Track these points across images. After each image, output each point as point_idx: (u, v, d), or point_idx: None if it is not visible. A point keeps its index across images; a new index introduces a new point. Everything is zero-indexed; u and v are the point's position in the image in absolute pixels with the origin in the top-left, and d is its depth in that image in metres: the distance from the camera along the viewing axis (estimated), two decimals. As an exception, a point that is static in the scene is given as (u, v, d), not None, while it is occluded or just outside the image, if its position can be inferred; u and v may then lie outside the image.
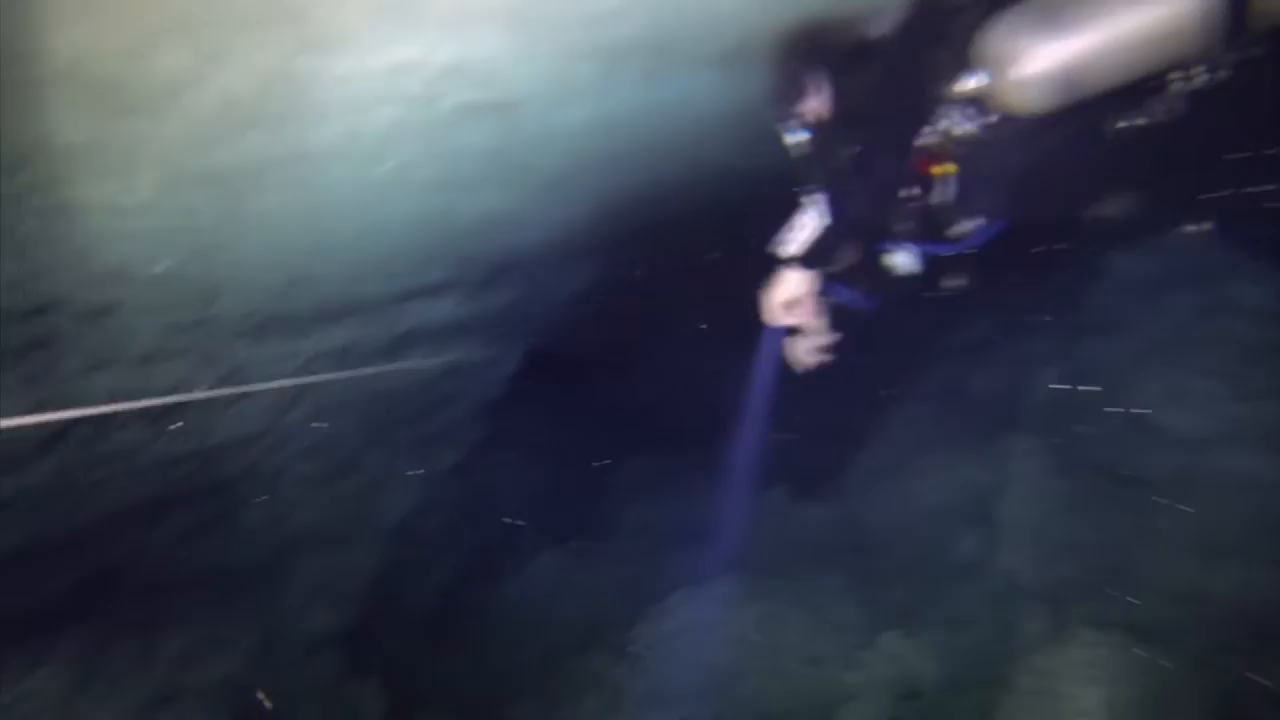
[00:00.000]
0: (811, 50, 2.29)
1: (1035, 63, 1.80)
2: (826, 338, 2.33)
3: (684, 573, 5.49)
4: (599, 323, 7.30)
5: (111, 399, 3.09)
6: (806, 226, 2.18)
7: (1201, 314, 4.37)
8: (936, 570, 4.41)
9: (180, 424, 3.61)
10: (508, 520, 6.45)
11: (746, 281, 2.44)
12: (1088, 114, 1.87)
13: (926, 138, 2.01)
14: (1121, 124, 1.86)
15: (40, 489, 3.15)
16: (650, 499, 6.46)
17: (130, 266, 2.69)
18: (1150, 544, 3.71)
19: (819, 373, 2.37)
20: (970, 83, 1.94)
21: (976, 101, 1.95)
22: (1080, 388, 4.55)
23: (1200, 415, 3.99)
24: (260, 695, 4.21)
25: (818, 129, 2.30)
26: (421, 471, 5.94)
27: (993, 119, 1.95)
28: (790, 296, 2.23)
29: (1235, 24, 1.65)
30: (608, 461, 7.22)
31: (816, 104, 2.30)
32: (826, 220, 2.15)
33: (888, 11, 2.18)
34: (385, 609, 5.37)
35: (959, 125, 1.96)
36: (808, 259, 2.19)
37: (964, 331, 6.10)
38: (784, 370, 2.39)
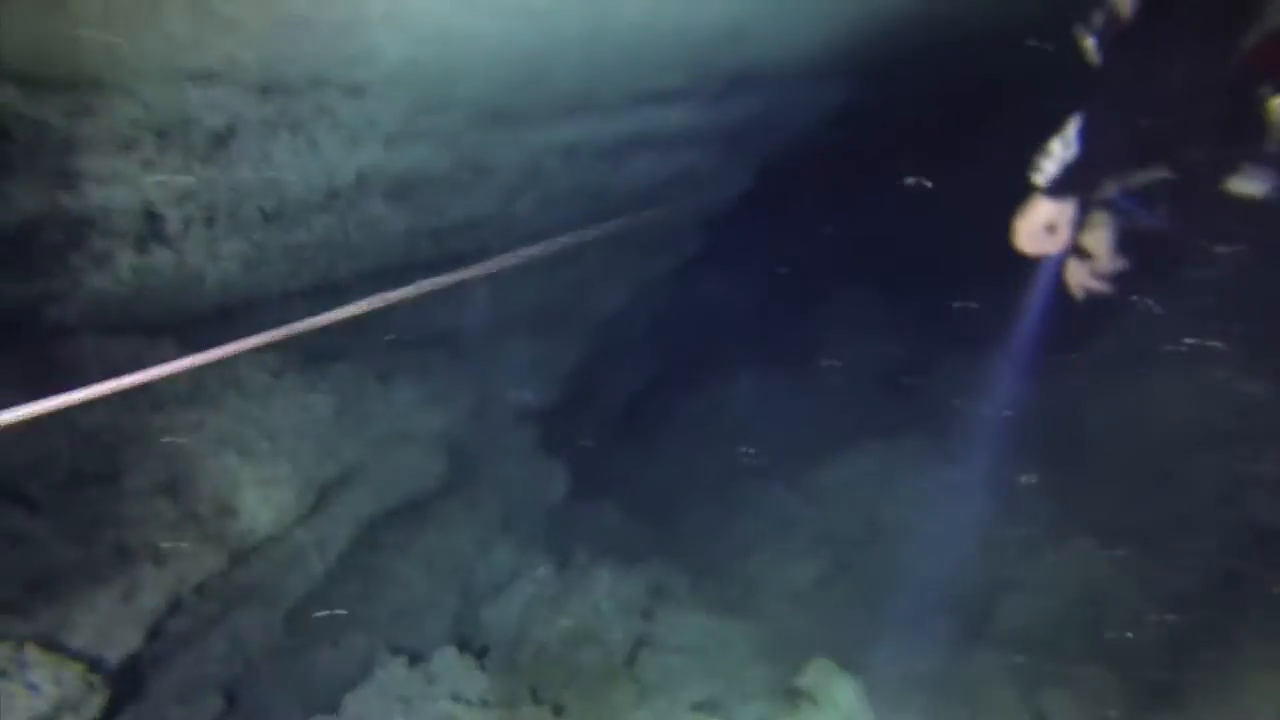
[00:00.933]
0: None
1: None
2: (1112, 264, 1.95)
3: (874, 424, 5.40)
4: (839, 152, 6.82)
5: (362, 177, 3.39)
6: (1057, 155, 1.82)
7: None
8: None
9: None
10: (713, 334, 6.55)
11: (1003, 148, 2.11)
12: None
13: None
14: None
15: (322, 239, 3.57)
16: (854, 340, 6.26)
17: (376, 50, 2.81)
18: None
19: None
20: None
21: None
22: None
23: None
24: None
25: (1115, 32, 1.82)
26: (638, 274, 6.12)
27: None
28: (1036, 226, 1.90)
29: None
30: (823, 290, 7.01)
31: (1124, 5, 1.79)
32: (1073, 151, 1.79)
33: None
34: (585, 397, 5.79)
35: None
36: (1059, 187, 1.85)
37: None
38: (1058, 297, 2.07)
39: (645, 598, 4.18)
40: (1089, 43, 1.91)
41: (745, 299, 6.96)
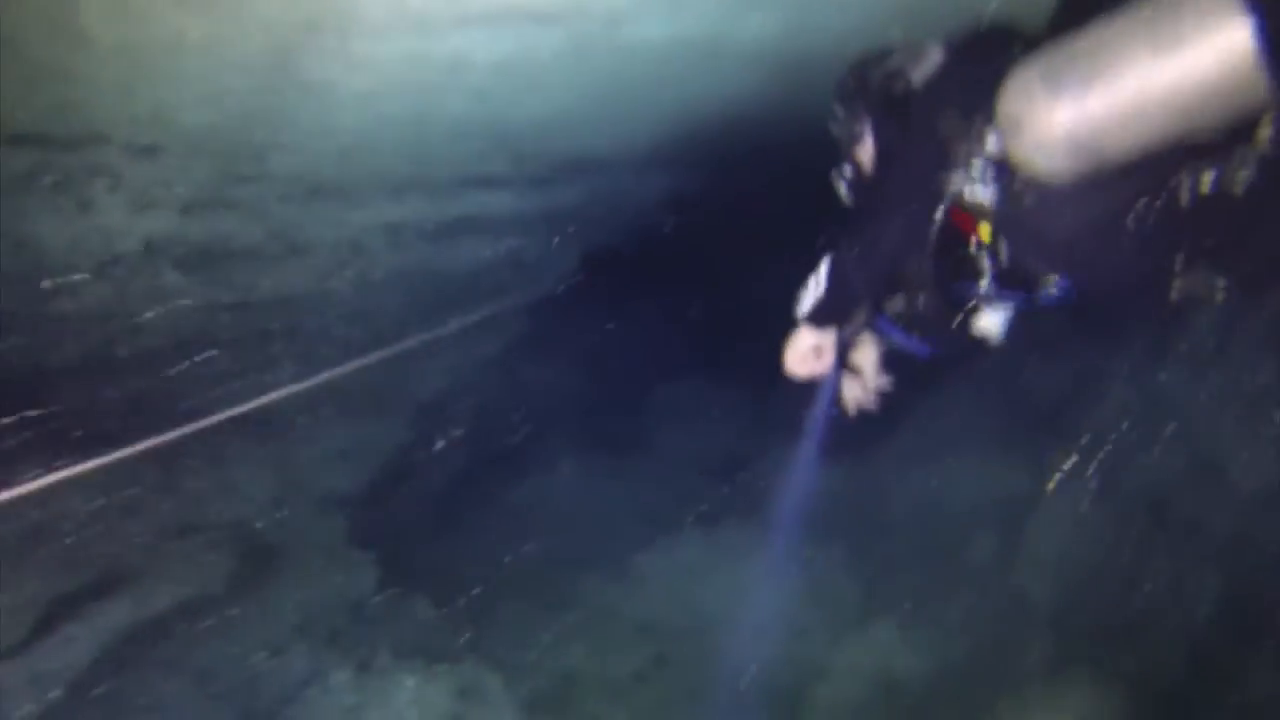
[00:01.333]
0: (859, 90, 2.10)
1: (1049, 125, 1.53)
2: (877, 382, 2.17)
3: (700, 508, 5.49)
4: (671, 242, 7.11)
5: (151, 245, 3.11)
6: (812, 290, 2.05)
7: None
8: (947, 570, 4.28)
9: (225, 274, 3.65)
10: (537, 420, 6.48)
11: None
12: (1131, 181, 1.57)
13: (953, 198, 1.78)
14: (1177, 192, 1.53)
15: (95, 311, 3.22)
16: (678, 429, 6.41)
17: (177, 110, 2.62)
18: (1175, 599, 3.50)
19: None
20: (990, 143, 1.69)
21: (999, 164, 1.70)
22: (1143, 418, 4.25)
23: (1269, 476, 3.67)
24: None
25: (858, 182, 2.15)
26: (461, 356, 5.98)
27: (1017, 184, 1.68)
28: (801, 353, 2.12)
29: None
30: (649, 379, 7.15)
31: (862, 152, 2.13)
32: (825, 284, 2.01)
33: (931, 59, 1.96)
34: (400, 483, 5.50)
35: (978, 188, 1.73)
36: (815, 318, 2.07)
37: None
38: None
39: (453, 701, 3.92)
40: (841, 187, 2.19)
41: (571, 385, 6.96)
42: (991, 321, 2.03)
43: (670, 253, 7.36)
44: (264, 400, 4.41)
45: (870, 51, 2.15)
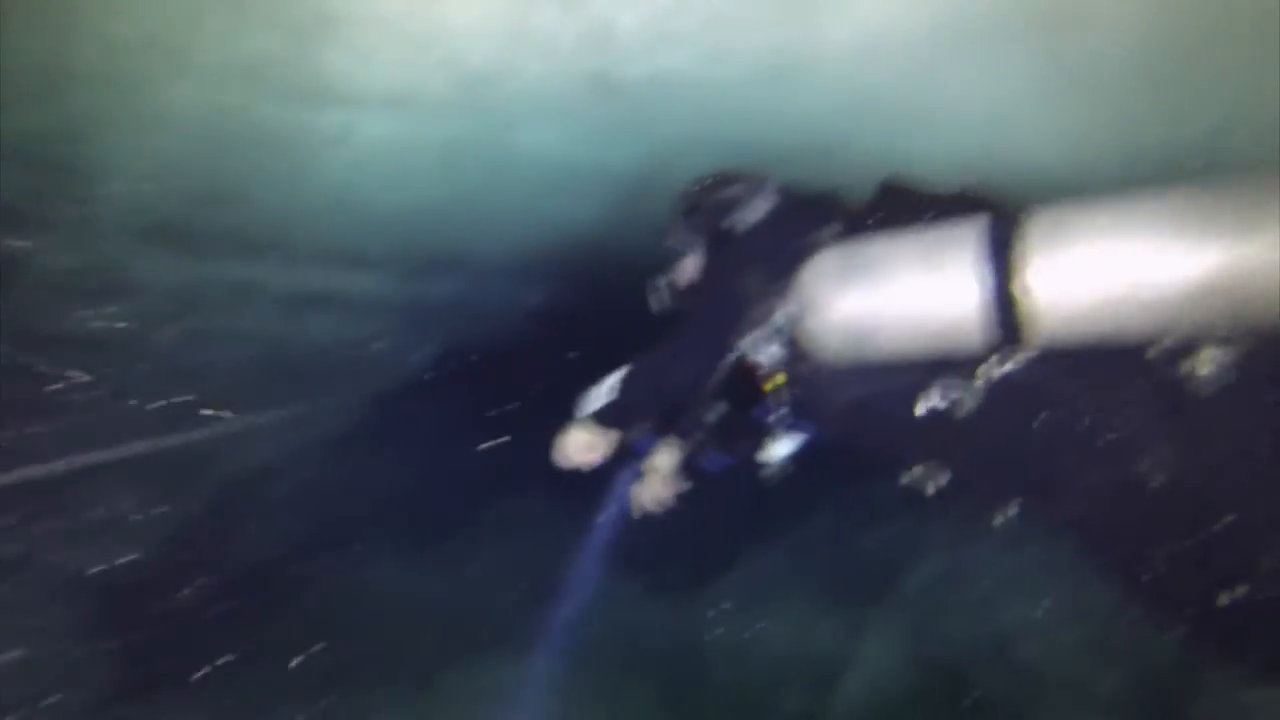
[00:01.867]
0: (693, 212, 2.25)
1: (833, 312, 1.71)
2: (671, 487, 2.19)
3: (511, 639, 5.22)
4: (534, 349, 7.08)
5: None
6: (604, 390, 2.13)
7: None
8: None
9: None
10: (351, 516, 6.05)
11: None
12: (892, 377, 1.74)
13: (744, 351, 1.93)
14: (923, 397, 1.70)
15: None
16: (509, 541, 6.16)
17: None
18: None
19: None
20: (784, 314, 1.86)
21: (789, 334, 1.87)
22: (953, 587, 4.49)
23: (1053, 657, 3.94)
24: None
25: (676, 299, 2.28)
26: (287, 435, 5.58)
27: (800, 355, 1.85)
28: (572, 448, 2.18)
29: (1008, 335, 1.52)
30: (483, 489, 6.90)
31: (688, 272, 2.27)
32: (618, 389, 2.10)
33: (762, 203, 2.11)
34: (184, 572, 4.94)
35: (770, 349, 1.89)
36: (600, 418, 2.13)
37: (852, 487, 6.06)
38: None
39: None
40: (653, 299, 2.37)
41: (398, 485, 6.58)
42: (779, 448, 2.11)
43: (530, 362, 7.33)
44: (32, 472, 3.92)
45: (717, 174, 2.29)
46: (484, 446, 7.02)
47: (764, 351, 1.89)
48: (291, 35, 2.20)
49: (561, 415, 2.26)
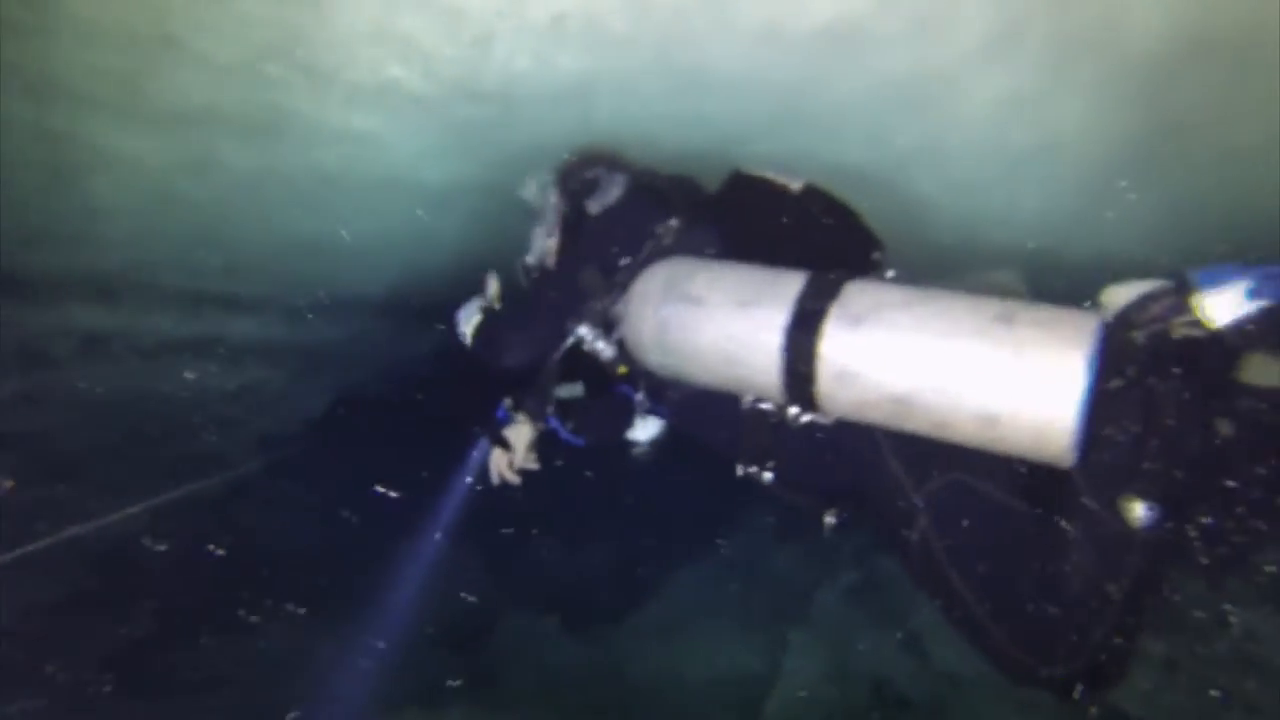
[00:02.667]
0: (561, 185, 2.30)
1: (651, 325, 1.76)
2: (524, 461, 2.20)
3: (429, 682, 4.96)
4: (428, 387, 6.82)
5: None
6: (471, 311, 2.28)
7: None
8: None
9: None
10: (249, 571, 5.64)
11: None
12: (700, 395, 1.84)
13: (578, 341, 2.00)
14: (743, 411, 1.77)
15: None
16: (419, 587, 5.86)
17: None
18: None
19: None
20: (613, 314, 1.94)
21: (611, 333, 1.95)
22: (866, 599, 4.52)
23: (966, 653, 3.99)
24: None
25: (528, 278, 2.34)
26: (165, 495, 5.15)
27: (628, 356, 1.93)
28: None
29: (800, 400, 1.59)
30: (387, 535, 6.56)
31: (540, 250, 2.32)
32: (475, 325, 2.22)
33: (615, 189, 2.16)
34: (60, 643, 4.47)
35: (599, 344, 1.95)
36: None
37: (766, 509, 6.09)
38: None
39: None
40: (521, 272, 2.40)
41: (298, 537, 6.20)
42: (644, 429, 2.17)
43: (431, 406, 7.06)
44: None
45: (594, 150, 2.37)
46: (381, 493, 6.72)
47: (597, 344, 1.95)
48: (132, 51, 2.01)
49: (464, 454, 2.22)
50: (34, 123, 2.07)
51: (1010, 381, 1.35)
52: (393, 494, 5.82)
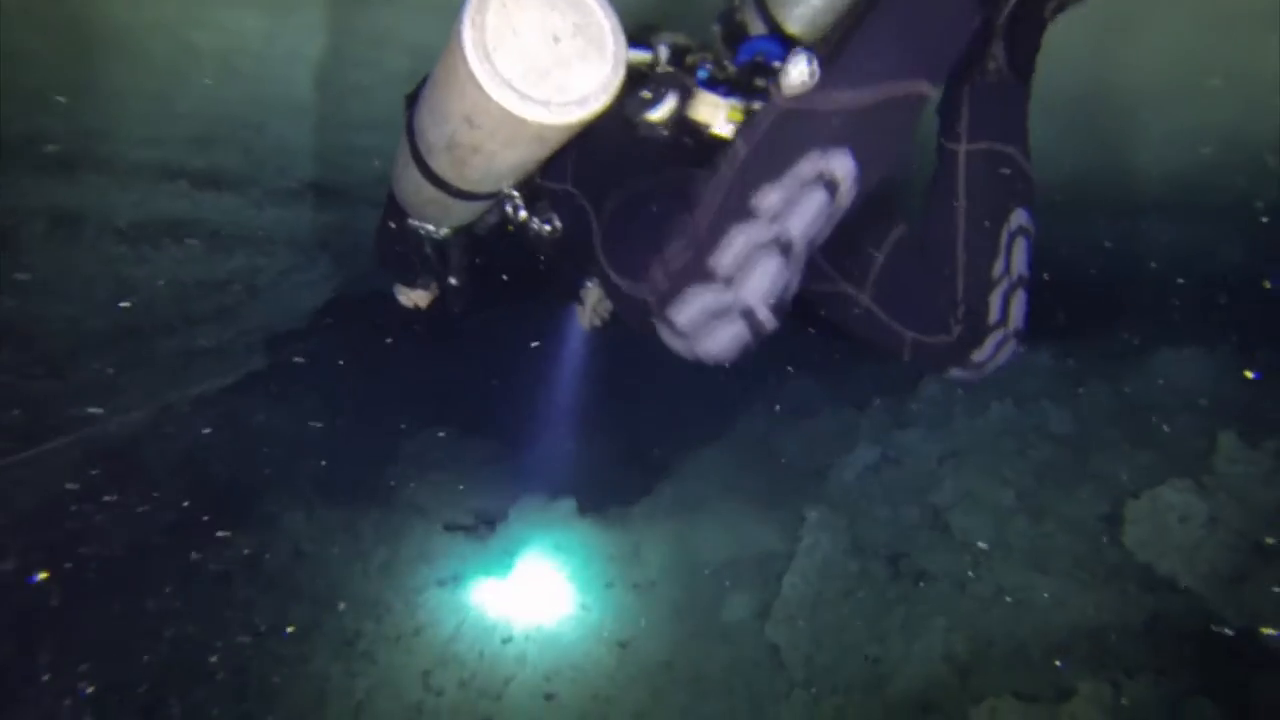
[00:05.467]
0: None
1: None
2: (600, 311, 2.17)
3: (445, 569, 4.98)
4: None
5: None
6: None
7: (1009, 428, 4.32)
8: (705, 625, 4.12)
9: None
10: (259, 468, 5.61)
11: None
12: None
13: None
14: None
15: None
16: (430, 479, 5.85)
17: None
18: (912, 642, 3.56)
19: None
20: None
21: None
22: (882, 475, 4.43)
23: (987, 524, 3.91)
24: None
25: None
26: (167, 392, 5.05)
27: None
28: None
29: None
30: (397, 428, 6.52)
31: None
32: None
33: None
34: (64, 545, 4.48)
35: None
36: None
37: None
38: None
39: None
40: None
41: (306, 432, 6.14)
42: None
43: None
44: None
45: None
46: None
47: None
48: None
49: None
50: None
51: None
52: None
